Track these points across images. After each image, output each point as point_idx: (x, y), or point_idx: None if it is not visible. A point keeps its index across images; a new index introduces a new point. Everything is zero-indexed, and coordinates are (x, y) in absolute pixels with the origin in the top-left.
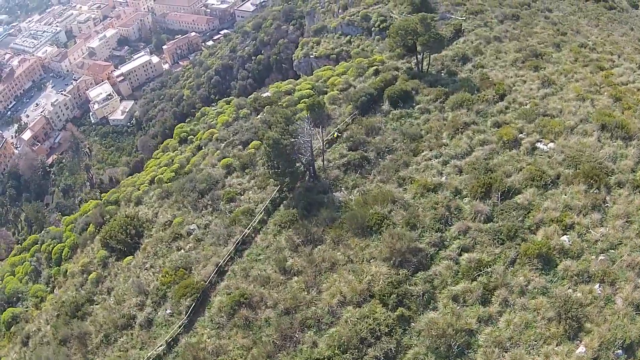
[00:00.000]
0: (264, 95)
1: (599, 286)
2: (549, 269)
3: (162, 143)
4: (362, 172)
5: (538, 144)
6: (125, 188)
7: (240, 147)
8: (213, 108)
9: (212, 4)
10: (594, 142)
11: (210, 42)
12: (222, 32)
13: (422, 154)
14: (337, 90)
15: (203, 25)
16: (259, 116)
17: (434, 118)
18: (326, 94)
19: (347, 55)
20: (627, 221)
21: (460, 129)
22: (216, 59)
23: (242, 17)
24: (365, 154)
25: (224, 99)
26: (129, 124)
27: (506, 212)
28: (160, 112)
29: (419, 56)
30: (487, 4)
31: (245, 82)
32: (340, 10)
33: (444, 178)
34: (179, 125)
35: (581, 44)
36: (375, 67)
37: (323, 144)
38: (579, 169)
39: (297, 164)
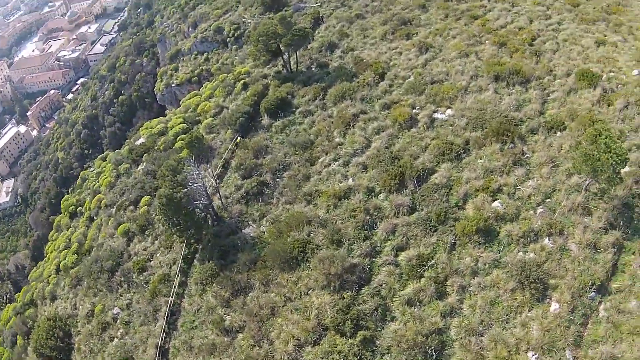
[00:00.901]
0: (139, 142)
1: (549, 240)
2: (491, 240)
3: (53, 215)
4: (263, 198)
5: (435, 115)
6: (35, 284)
7: (132, 207)
8: (91, 169)
9: (64, 56)
10: (491, 96)
11: (70, 96)
12: (79, 82)
13: (319, 161)
14: (211, 116)
15: (60, 80)
16: (139, 168)
17: (319, 118)
18: (200, 123)
19: (209, 74)
20: (553, 166)
21: (350, 123)
22: (80, 112)
23: (95, 60)
24: (261, 178)
25: (100, 156)
26: (15, 203)
27: (427, 196)
28: (42, 183)
29: (285, 57)
30: None
31: (114, 128)
32: (190, 29)
33: (350, 180)
34: (64, 198)
35: None
36: (242, 81)
37: (215, 181)
38: (486, 128)
39: (197, 212)
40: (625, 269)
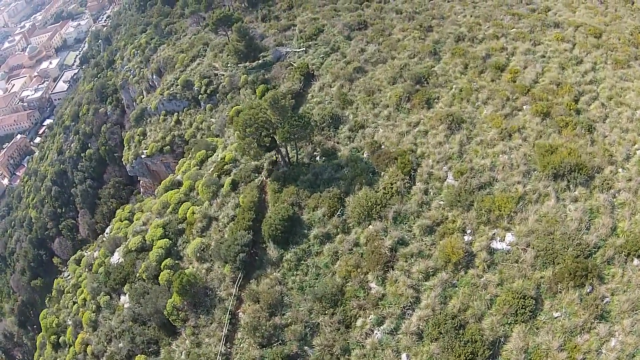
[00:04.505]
0: (116, 261)
1: None
2: None
3: (33, 278)
4: None
5: (493, 243)
6: None
7: None
8: (67, 276)
9: (28, 96)
10: (555, 208)
11: (38, 139)
12: (45, 123)
13: (357, 324)
14: (198, 232)
15: (26, 122)
16: (122, 301)
17: (344, 249)
18: (183, 232)
19: (183, 140)
20: (634, 311)
21: (388, 262)
22: (48, 165)
23: (59, 99)
24: (284, 346)
25: (72, 257)
26: None
27: None
28: (18, 244)
29: (282, 150)
30: (320, 16)
31: (85, 185)
32: (154, 76)
33: (405, 359)
34: (42, 312)
35: (457, 37)
36: (230, 178)
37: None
38: (558, 264)
39: None
40: None
